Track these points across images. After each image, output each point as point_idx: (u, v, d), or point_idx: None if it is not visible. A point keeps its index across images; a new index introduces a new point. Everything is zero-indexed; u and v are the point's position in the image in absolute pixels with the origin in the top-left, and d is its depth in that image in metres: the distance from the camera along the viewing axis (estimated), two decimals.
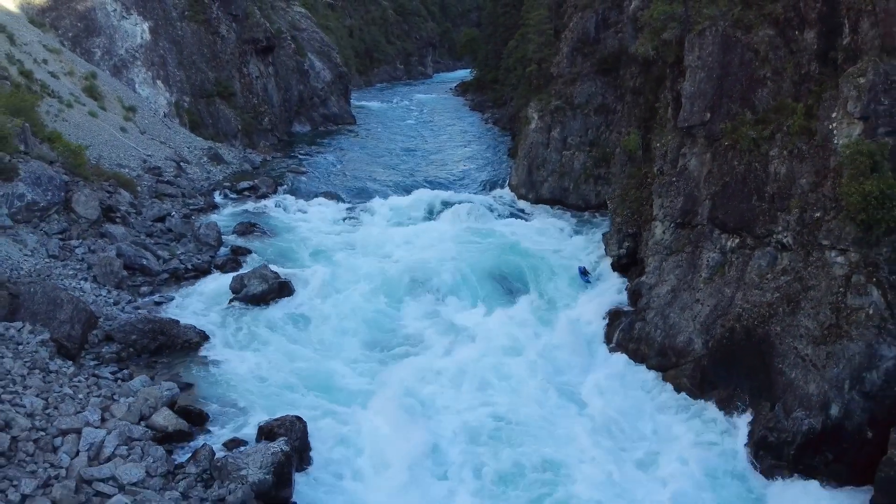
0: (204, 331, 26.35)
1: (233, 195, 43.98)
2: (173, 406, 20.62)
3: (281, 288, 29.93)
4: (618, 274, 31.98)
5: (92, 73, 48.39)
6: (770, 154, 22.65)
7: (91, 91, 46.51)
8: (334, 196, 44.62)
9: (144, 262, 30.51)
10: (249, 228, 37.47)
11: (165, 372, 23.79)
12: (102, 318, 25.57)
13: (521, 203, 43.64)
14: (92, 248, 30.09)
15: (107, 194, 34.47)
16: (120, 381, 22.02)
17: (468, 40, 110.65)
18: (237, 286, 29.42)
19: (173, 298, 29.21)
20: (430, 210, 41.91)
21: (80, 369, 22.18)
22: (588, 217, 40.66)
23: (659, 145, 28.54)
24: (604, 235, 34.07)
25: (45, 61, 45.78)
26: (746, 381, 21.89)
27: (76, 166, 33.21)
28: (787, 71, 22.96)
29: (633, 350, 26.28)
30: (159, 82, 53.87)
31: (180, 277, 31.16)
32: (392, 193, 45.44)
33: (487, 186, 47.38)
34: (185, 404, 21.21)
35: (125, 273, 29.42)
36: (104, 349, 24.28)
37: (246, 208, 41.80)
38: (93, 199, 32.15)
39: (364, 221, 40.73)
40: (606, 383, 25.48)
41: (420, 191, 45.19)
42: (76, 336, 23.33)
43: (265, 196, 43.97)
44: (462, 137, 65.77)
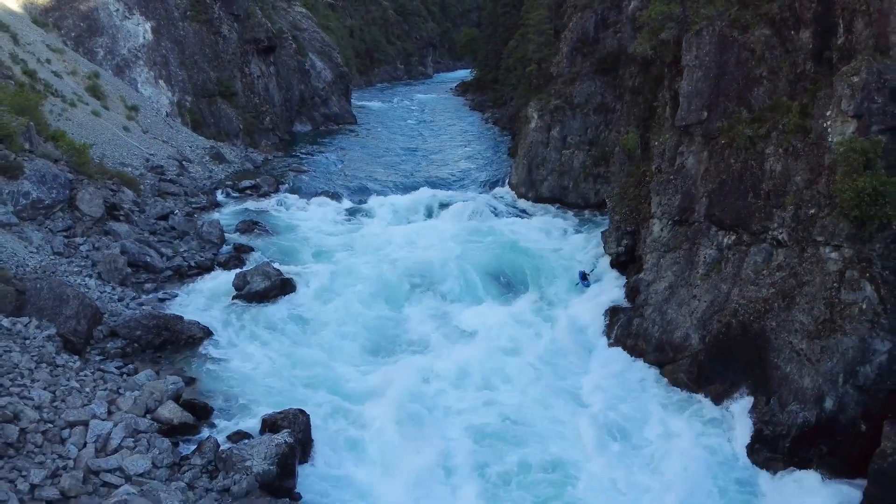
0: (207, 327, 26.66)
1: (235, 194, 44.30)
2: (178, 399, 20.94)
3: (283, 285, 30.24)
4: (616, 271, 32.35)
5: (95, 73, 48.72)
6: (766, 152, 22.97)
7: (94, 90, 46.82)
8: (335, 195, 44.88)
9: (148, 260, 30.82)
10: (251, 226, 37.78)
11: (170, 367, 24.10)
12: (107, 315, 25.87)
13: (521, 202, 43.95)
14: (96, 246, 30.40)
15: (110, 192, 34.78)
16: (125, 376, 22.37)
17: (468, 40, 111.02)
18: (240, 283, 29.74)
19: (177, 295, 29.50)
20: (431, 209, 42.20)
21: (86, 364, 22.48)
22: (587, 215, 41.00)
23: (657, 144, 28.85)
24: (603, 233, 34.40)
25: (49, 61, 46.10)
26: (742, 376, 22.22)
27: (80, 165, 33.52)
28: (783, 70, 23.27)
29: (632, 346, 26.60)
30: (161, 82, 54.19)
31: (183, 274, 31.44)
32: (393, 192, 45.72)
33: (488, 185, 47.63)
34: (190, 398, 21.50)
35: (129, 270, 29.72)
36: (109, 344, 24.58)
37: (248, 207, 42.09)
38: (97, 198, 32.47)
39: (365, 220, 41.01)
40: (605, 379, 25.81)
41: (420, 190, 45.46)
42: (82, 331, 23.66)
43: (267, 195, 44.29)
44: (462, 137, 66.06)
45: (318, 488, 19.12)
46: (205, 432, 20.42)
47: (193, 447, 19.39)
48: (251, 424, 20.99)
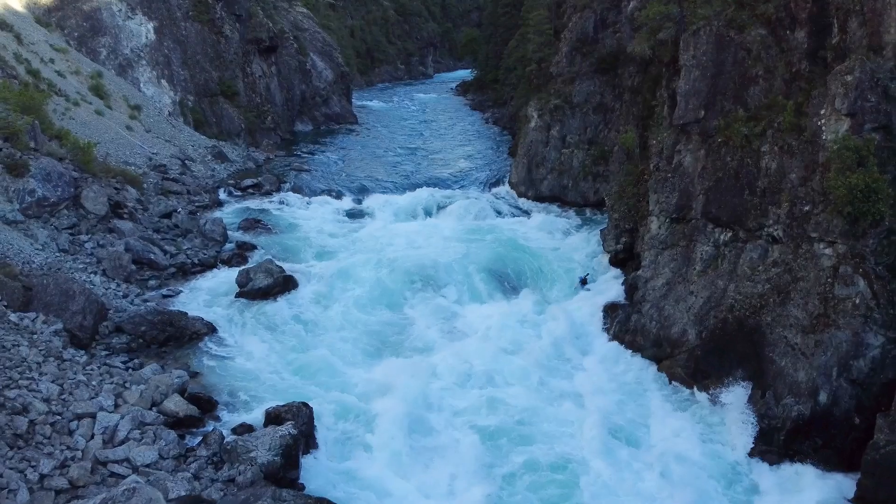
0: (211, 323, 26.99)
1: (237, 192, 44.65)
2: (183, 393, 21.29)
3: (286, 282, 30.58)
4: (615, 269, 32.71)
5: (98, 73, 49.12)
6: (761, 150, 23.31)
7: (97, 90, 47.22)
8: (337, 194, 45.22)
9: (152, 257, 31.18)
10: (254, 225, 38.16)
11: (174, 362, 24.41)
12: (112, 311, 26.25)
13: (521, 200, 44.28)
14: (101, 243, 30.78)
15: (114, 191, 35.12)
16: (131, 370, 22.69)
17: (469, 40, 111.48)
18: (243, 280, 30.08)
19: (181, 292, 29.87)
20: (432, 207, 42.50)
21: (93, 359, 22.84)
22: (587, 214, 41.33)
23: (655, 142, 29.17)
24: (601, 231, 34.76)
25: (52, 60, 46.50)
26: (738, 370, 22.56)
27: (85, 163, 33.88)
28: (779, 69, 23.62)
29: (630, 341, 26.94)
30: (164, 81, 54.59)
31: (187, 272, 31.82)
32: (394, 191, 46.03)
33: (488, 184, 47.93)
34: (195, 392, 21.82)
35: (133, 267, 30.08)
36: (114, 340, 24.94)
37: (250, 205, 42.43)
38: (101, 196, 32.86)
39: (366, 219, 41.36)
40: (604, 375, 26.10)
41: (421, 189, 45.78)
42: (88, 326, 24.04)
43: (269, 193, 44.65)
44: (462, 137, 66.41)
45: (322, 479, 19.39)
46: (210, 425, 20.72)
47: (199, 439, 19.72)
48: (255, 418, 21.27)
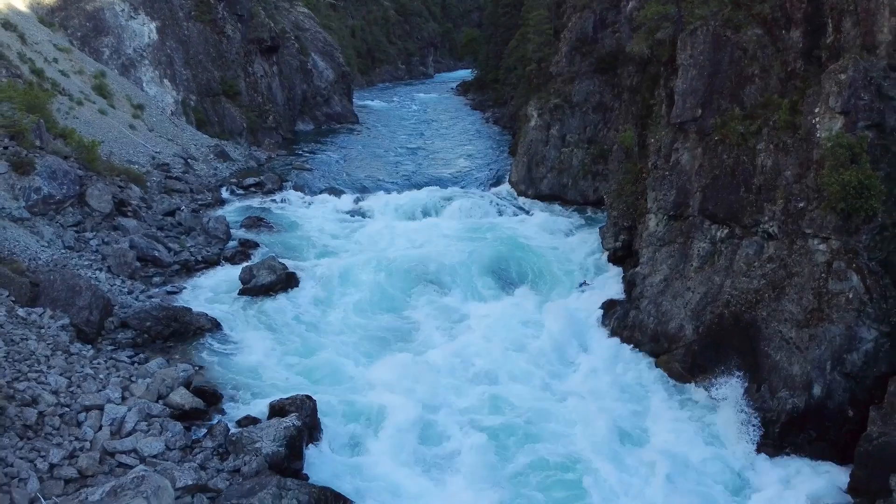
0: (216, 318, 27.30)
1: (239, 191, 45.04)
2: (189, 386, 21.63)
3: (288, 279, 30.96)
4: (614, 266, 33.10)
5: (101, 72, 49.46)
6: (757, 148, 23.67)
7: (100, 89, 47.56)
8: (338, 192, 45.59)
9: (156, 254, 31.54)
10: (256, 223, 38.56)
11: (179, 357, 24.73)
12: (117, 307, 26.58)
13: (521, 199, 44.64)
14: (105, 240, 31.15)
15: (118, 189, 35.50)
16: (137, 364, 23.07)
17: (469, 40, 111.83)
18: (246, 277, 30.45)
19: (184, 288, 30.24)
20: (433, 206, 42.72)
21: (99, 353, 23.18)
22: (586, 212, 41.70)
23: (653, 141, 29.52)
24: (600, 229, 35.14)
25: (56, 60, 46.84)
26: (734, 364, 22.90)
27: (90, 161, 34.28)
28: (774, 68, 23.97)
29: (628, 337, 27.30)
30: (166, 81, 54.95)
31: (191, 269, 32.20)
32: (395, 190, 46.33)
33: (488, 183, 48.31)
34: (200, 385, 22.14)
35: (138, 264, 30.44)
36: (120, 335, 25.24)
37: (252, 204, 42.85)
38: (106, 193, 33.23)
39: (367, 217, 41.71)
40: (603, 371, 26.42)
41: (422, 188, 46.14)
42: (94, 321, 24.40)
43: (271, 192, 45.03)
44: (463, 136, 66.77)
45: (326, 470, 19.74)
46: (215, 418, 21.08)
47: (204, 431, 20.10)
48: (259, 411, 21.58)
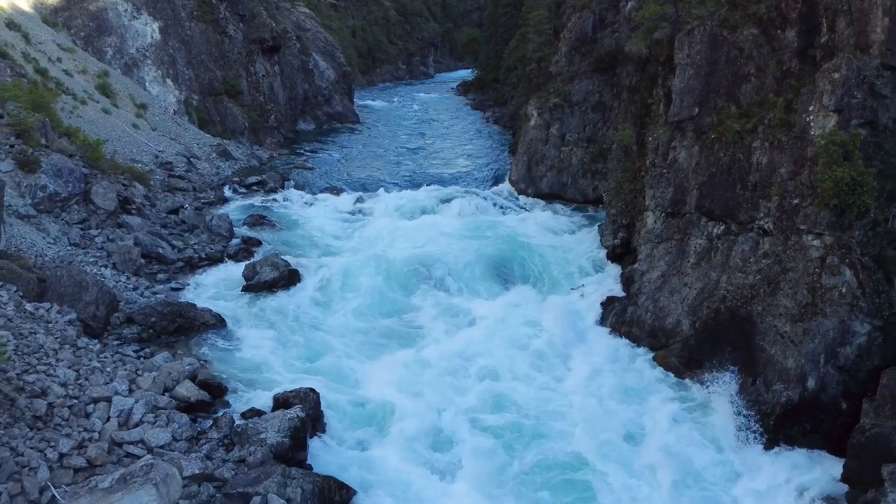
0: (220, 314, 27.65)
1: (242, 190, 45.44)
2: (194, 379, 22.00)
3: (291, 276, 31.33)
4: (612, 263, 33.48)
5: (104, 72, 49.90)
6: (753, 145, 24.06)
7: (104, 89, 48.00)
8: (340, 191, 45.99)
9: (161, 251, 31.94)
10: (259, 220, 38.95)
11: (184, 352, 25.09)
12: (123, 302, 26.97)
13: (521, 198, 44.99)
14: (110, 238, 31.53)
15: (123, 187, 35.88)
16: (143, 358, 23.47)
17: (469, 40, 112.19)
18: (249, 273, 30.85)
19: (188, 285, 30.65)
20: (433, 204, 42.99)
21: (105, 347, 23.54)
22: (586, 210, 42.08)
23: (651, 139, 29.92)
24: (599, 227, 35.54)
25: (59, 60, 47.27)
26: (730, 358, 23.27)
27: (94, 160, 34.65)
28: (770, 67, 24.36)
29: (626, 332, 27.66)
30: (169, 81, 55.37)
31: (195, 266, 32.59)
32: (396, 188, 46.67)
33: (488, 182, 48.68)
34: (205, 378, 22.52)
35: (143, 261, 30.83)
36: (125, 330, 25.62)
37: (254, 202, 43.23)
38: (111, 191, 33.62)
39: (368, 216, 42.01)
40: (602, 366, 26.74)
41: (423, 186, 46.52)
42: (101, 316, 24.79)
43: (273, 191, 45.41)
44: (463, 136, 67.17)
45: (329, 462, 20.07)
46: (220, 410, 21.47)
47: (210, 423, 20.48)
48: (263, 404, 21.94)
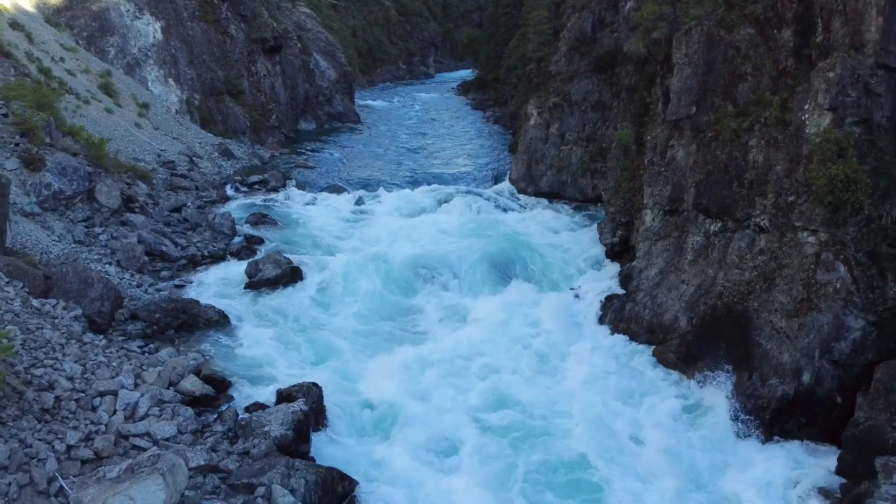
0: (223, 311, 27.99)
1: (243, 188, 45.73)
2: (199, 374, 22.32)
3: (293, 273, 31.62)
4: (611, 261, 33.82)
5: (107, 71, 50.24)
6: (749, 144, 24.39)
7: (106, 88, 48.31)
8: (341, 190, 46.25)
9: (164, 249, 32.27)
10: (261, 219, 39.27)
11: (188, 347, 25.45)
12: (127, 299, 27.30)
13: (521, 196, 45.31)
14: (114, 235, 31.88)
15: (126, 185, 36.20)
16: (147, 354, 23.81)
17: (470, 40, 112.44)
18: (252, 271, 31.18)
19: (192, 282, 30.92)
20: (434, 203, 43.30)
21: (110, 343, 23.83)
22: (585, 209, 42.39)
23: (649, 138, 30.24)
24: (598, 225, 35.87)
25: (62, 59, 47.58)
26: (727, 354, 23.60)
27: (98, 158, 34.98)
28: (766, 67, 24.68)
29: (624, 329, 27.99)
30: (171, 80, 55.70)
31: (198, 263, 32.90)
32: (396, 187, 46.94)
33: (489, 181, 49.01)
34: (209, 373, 22.84)
35: (146, 258, 31.13)
36: (130, 327, 25.92)
37: (256, 201, 43.45)
38: (114, 190, 33.95)
39: (370, 214, 42.32)
40: (601, 362, 27.03)
41: (424, 186, 46.84)
42: (106, 312, 25.11)
43: (275, 189, 45.70)
44: (464, 135, 67.48)
45: (331, 455, 20.39)
46: (224, 404, 21.80)
47: (214, 416, 20.83)
48: (266, 398, 22.28)
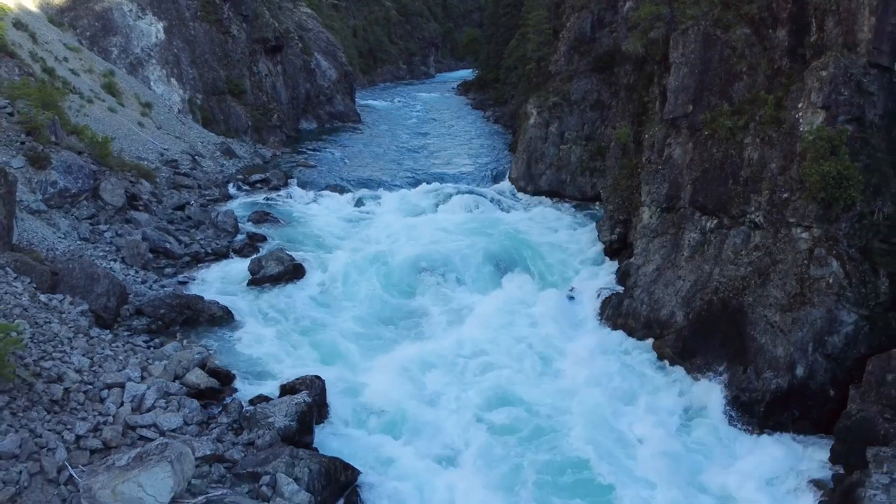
0: (227, 307, 28.38)
1: (245, 187, 46.14)
2: (204, 367, 22.71)
3: (295, 270, 32.09)
4: (610, 258, 34.24)
5: (110, 71, 50.61)
6: (744, 142, 24.81)
7: (110, 88, 48.68)
8: (342, 189, 46.60)
9: (168, 246, 32.69)
10: (263, 217, 39.69)
11: (193, 342, 25.83)
12: (132, 295, 27.75)
13: (521, 195, 45.79)
14: (119, 233, 32.32)
15: (130, 184, 36.63)
16: (153, 348, 24.22)
17: (470, 40, 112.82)
18: (255, 267, 31.59)
19: (195, 278, 31.38)
20: (435, 202, 43.71)
21: (116, 337, 24.24)
22: (584, 207, 42.82)
23: (647, 137, 30.65)
24: (597, 223, 36.28)
25: (66, 59, 47.95)
26: (722, 348, 24.03)
27: (102, 157, 35.40)
28: (761, 66, 25.09)
29: (622, 324, 28.41)
30: (173, 80, 56.11)
31: (201, 260, 33.35)
32: (397, 186, 47.33)
33: (489, 180, 49.41)
34: (214, 367, 23.22)
35: (150, 255, 31.60)
36: (135, 322, 26.38)
37: (258, 199, 43.87)
38: (119, 188, 34.38)
39: (371, 212, 42.73)
40: (599, 358, 27.42)
41: (424, 184, 47.18)
42: (112, 308, 25.54)
43: (277, 188, 46.12)
44: (464, 135, 67.86)
45: (333, 445, 20.87)
46: (228, 397, 22.18)
47: (219, 408, 21.23)
48: (270, 392, 22.69)
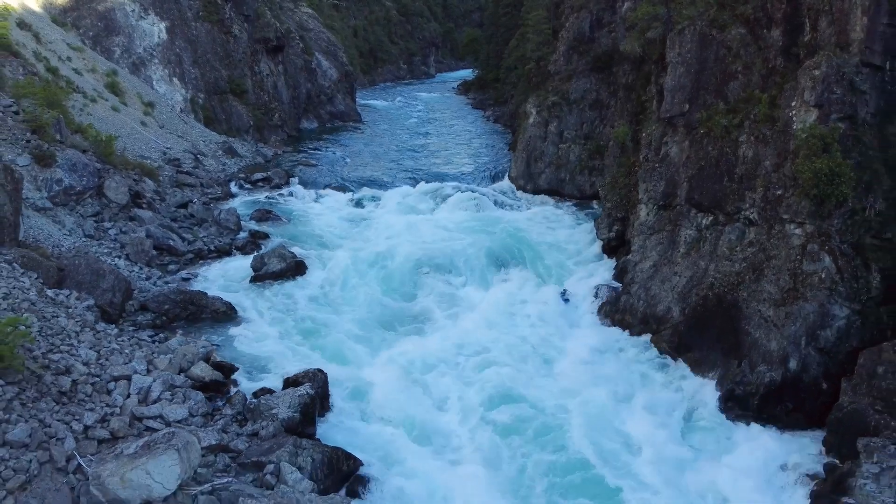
0: (230, 302, 28.82)
1: (247, 186, 46.63)
2: (208, 360, 23.14)
3: (297, 267, 32.53)
4: (607, 255, 34.65)
5: (113, 71, 51.03)
6: (739, 140, 25.25)
7: (113, 87, 49.11)
8: (343, 187, 47.09)
9: (171, 243, 33.10)
10: (265, 215, 40.13)
11: (197, 337, 26.23)
12: (137, 291, 28.18)
13: (520, 193, 46.15)
14: (123, 230, 32.74)
15: (134, 182, 37.08)
16: (158, 342, 24.63)
17: (470, 40, 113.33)
18: (258, 264, 32.02)
19: (198, 275, 31.81)
20: (435, 200, 44.09)
21: (122, 332, 24.63)
22: (583, 206, 43.17)
23: (644, 135, 31.09)
24: (595, 221, 36.68)
25: (69, 59, 48.35)
26: (717, 342, 24.45)
27: (106, 155, 35.82)
28: (756, 65, 25.52)
29: (620, 320, 28.83)
30: (175, 79, 56.52)
31: (204, 257, 33.79)
32: (398, 185, 47.69)
33: (489, 178, 49.76)
34: (218, 360, 23.63)
35: (154, 252, 32.02)
36: (140, 317, 26.81)
37: (260, 198, 44.38)
38: (123, 186, 34.81)
39: (371, 211, 43.13)
40: (597, 354, 27.83)
41: (424, 183, 47.53)
42: (117, 303, 25.97)
43: (278, 187, 46.61)
44: (464, 134, 68.26)
45: (335, 436, 21.25)
46: (232, 390, 22.63)
47: (224, 400, 21.65)
48: (273, 385, 23.09)
